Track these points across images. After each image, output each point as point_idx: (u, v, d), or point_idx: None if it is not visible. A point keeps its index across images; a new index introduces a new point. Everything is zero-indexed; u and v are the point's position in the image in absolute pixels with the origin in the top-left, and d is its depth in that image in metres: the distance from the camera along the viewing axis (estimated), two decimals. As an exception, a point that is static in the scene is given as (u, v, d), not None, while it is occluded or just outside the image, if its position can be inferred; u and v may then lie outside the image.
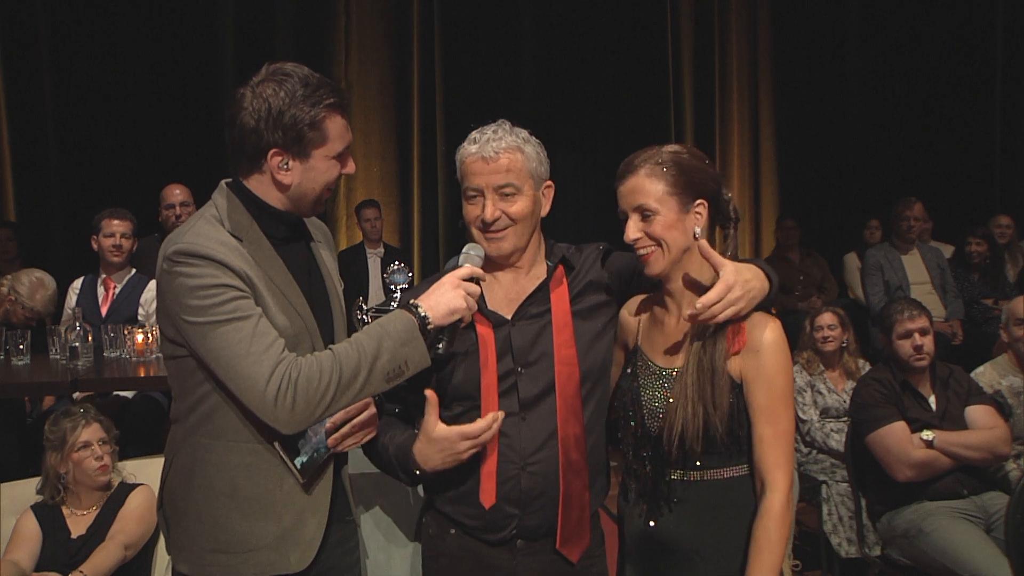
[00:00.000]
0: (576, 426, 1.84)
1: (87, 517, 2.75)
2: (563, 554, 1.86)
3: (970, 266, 5.85)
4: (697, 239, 1.76)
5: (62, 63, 6.50)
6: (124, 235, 4.26)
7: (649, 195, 1.75)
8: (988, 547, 2.88)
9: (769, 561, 1.69)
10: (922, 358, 3.16)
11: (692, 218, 1.76)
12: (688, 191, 1.75)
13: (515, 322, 1.87)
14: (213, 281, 1.59)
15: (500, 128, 1.87)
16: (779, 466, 1.72)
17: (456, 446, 1.75)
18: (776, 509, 1.71)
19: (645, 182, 1.76)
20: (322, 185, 1.72)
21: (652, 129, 7.52)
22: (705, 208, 1.77)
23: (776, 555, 1.70)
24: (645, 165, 1.77)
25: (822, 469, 3.80)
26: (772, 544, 1.70)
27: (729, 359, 1.74)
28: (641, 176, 1.76)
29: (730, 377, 1.74)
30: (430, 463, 1.79)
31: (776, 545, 1.70)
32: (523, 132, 1.89)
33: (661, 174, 1.75)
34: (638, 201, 1.77)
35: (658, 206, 1.75)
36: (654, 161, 1.77)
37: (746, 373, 1.74)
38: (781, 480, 1.72)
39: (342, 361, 1.62)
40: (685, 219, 1.76)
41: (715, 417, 1.71)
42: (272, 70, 1.67)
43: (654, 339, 1.86)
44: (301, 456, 1.70)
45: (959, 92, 8.00)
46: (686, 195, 1.75)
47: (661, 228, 1.75)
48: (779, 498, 1.71)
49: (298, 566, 1.71)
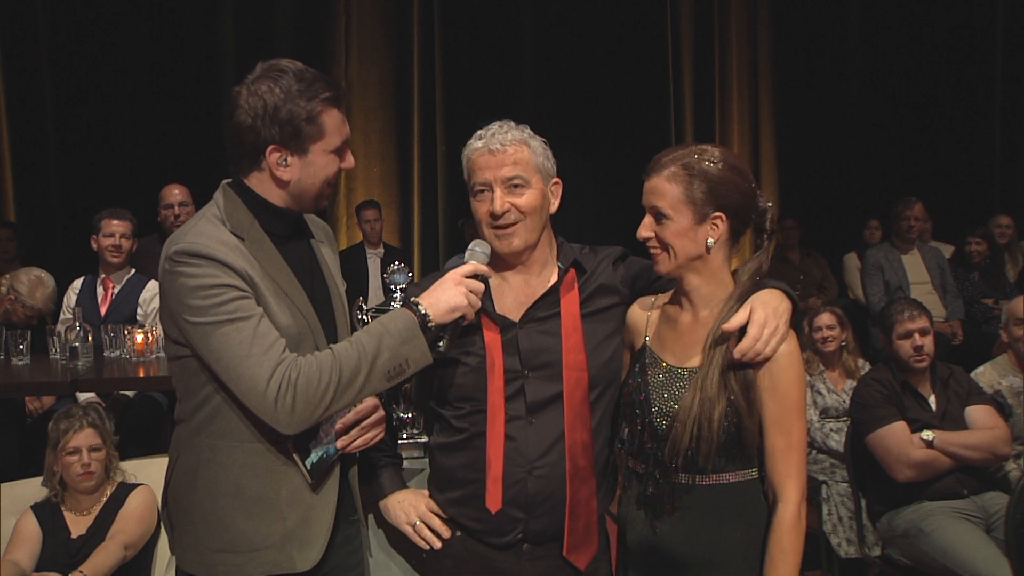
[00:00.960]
0: (584, 432, 1.83)
1: (87, 517, 2.75)
2: (570, 561, 1.84)
3: (970, 266, 5.85)
4: (708, 250, 1.74)
5: (62, 63, 6.49)
6: (124, 235, 4.26)
7: (665, 199, 1.73)
8: (988, 547, 2.87)
9: (784, 572, 1.69)
10: (922, 359, 3.15)
11: (707, 228, 1.73)
12: (707, 201, 1.72)
13: (523, 325, 1.86)
14: (214, 281, 1.59)
15: (505, 124, 1.88)
16: (791, 477, 1.71)
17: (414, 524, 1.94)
18: (788, 520, 1.70)
19: (664, 185, 1.73)
20: (321, 180, 1.71)
21: (652, 129, 7.53)
22: (723, 221, 1.73)
23: (791, 566, 1.70)
24: (670, 167, 1.74)
25: (822, 469, 3.80)
26: (786, 555, 1.70)
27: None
28: (662, 178, 1.74)
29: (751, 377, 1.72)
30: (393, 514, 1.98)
31: (790, 556, 1.70)
32: (528, 128, 1.90)
33: (682, 179, 1.72)
34: (653, 202, 1.75)
35: (672, 212, 1.73)
36: (679, 164, 1.73)
37: (760, 383, 1.72)
38: (793, 491, 1.71)
39: (342, 361, 1.61)
40: (699, 228, 1.73)
41: (746, 418, 1.70)
42: (267, 67, 1.67)
43: (665, 338, 1.83)
44: (311, 457, 1.70)
45: (959, 92, 8.00)
46: (704, 205, 1.72)
47: (670, 234, 1.73)
48: (791, 509, 1.70)
49: (304, 565, 1.70)
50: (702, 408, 1.69)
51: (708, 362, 1.72)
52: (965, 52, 8.01)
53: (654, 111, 7.68)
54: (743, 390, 1.71)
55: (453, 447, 1.88)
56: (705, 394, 1.70)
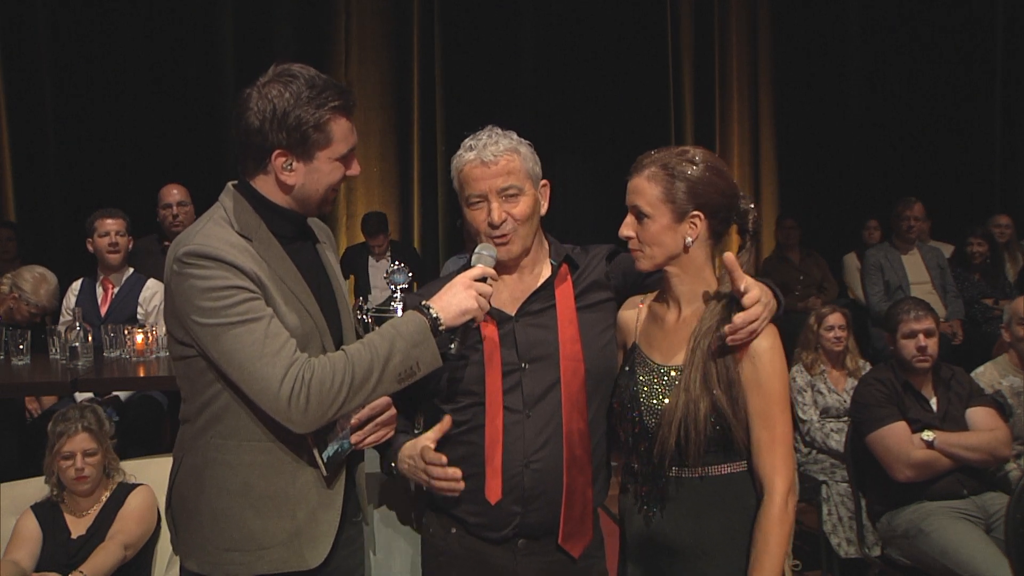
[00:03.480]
0: (580, 422, 1.85)
1: (87, 517, 2.76)
2: (565, 550, 1.86)
3: (970, 266, 5.85)
4: (687, 249, 1.77)
5: (62, 63, 6.50)
6: (119, 233, 4.26)
7: (645, 198, 1.77)
8: (988, 547, 2.88)
9: (768, 564, 1.71)
10: (925, 360, 3.15)
11: (686, 227, 1.77)
12: (687, 201, 1.75)
13: (519, 319, 1.89)
14: (224, 283, 1.60)
15: (493, 132, 1.89)
16: (776, 470, 1.73)
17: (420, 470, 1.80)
18: (774, 513, 1.72)
19: (645, 184, 1.77)
20: (325, 186, 1.73)
21: (652, 129, 7.53)
22: (701, 220, 1.77)
23: (775, 558, 1.71)
24: (651, 167, 1.78)
25: (822, 469, 3.80)
26: (770, 547, 1.71)
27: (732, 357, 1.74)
28: (643, 177, 1.78)
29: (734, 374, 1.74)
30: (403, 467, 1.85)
31: (775, 548, 1.71)
32: (514, 134, 1.91)
33: (661, 179, 1.76)
34: (634, 201, 1.79)
35: (651, 211, 1.76)
36: (659, 164, 1.77)
37: (743, 378, 1.74)
38: (779, 484, 1.73)
39: (355, 362, 1.63)
40: (678, 227, 1.77)
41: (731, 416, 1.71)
42: (279, 71, 1.68)
43: (652, 337, 1.86)
44: (328, 450, 1.71)
45: (959, 92, 8.00)
46: (684, 204, 1.75)
47: (649, 233, 1.77)
48: (777, 502, 1.72)
49: (312, 563, 1.72)
50: (687, 409, 1.72)
51: (691, 362, 1.75)
52: (965, 52, 8.01)
53: (654, 111, 7.68)
54: (726, 387, 1.73)
55: (451, 442, 1.89)
56: (690, 395, 1.73)
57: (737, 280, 1.71)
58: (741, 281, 1.71)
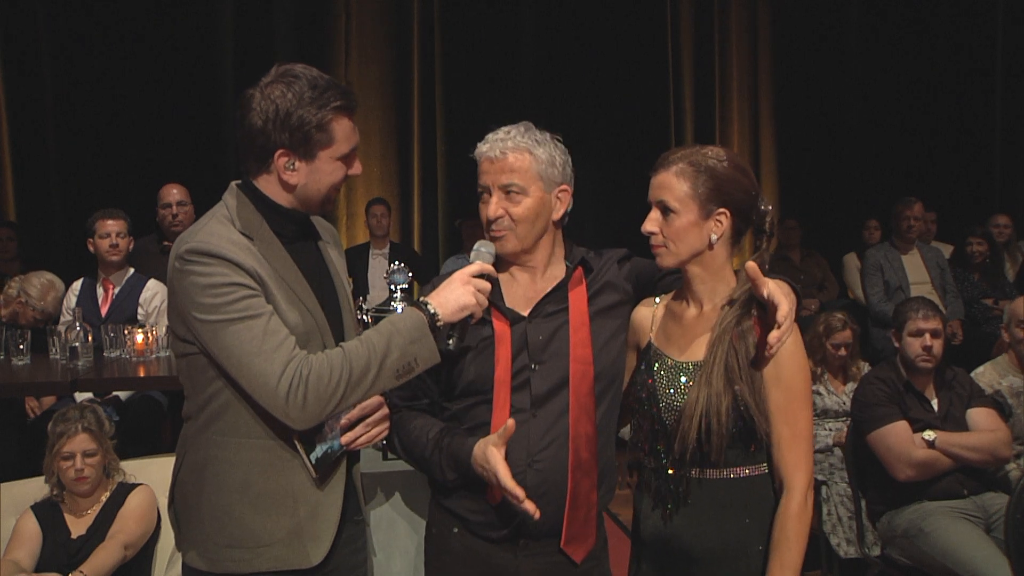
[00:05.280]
0: (588, 425, 1.85)
1: (87, 517, 2.76)
2: (567, 553, 1.85)
3: (970, 266, 5.85)
4: (712, 246, 1.77)
5: (62, 63, 6.49)
6: (119, 234, 4.26)
7: (673, 193, 1.77)
8: (988, 547, 2.88)
9: (789, 558, 1.71)
10: (928, 360, 3.16)
11: (712, 224, 1.77)
12: (713, 198, 1.76)
13: (531, 319, 1.88)
14: (225, 280, 1.61)
15: (515, 128, 1.88)
16: (797, 466, 1.74)
17: (488, 474, 1.75)
18: (794, 509, 1.73)
19: (673, 180, 1.77)
20: (327, 186, 1.74)
21: (652, 129, 7.52)
22: (727, 217, 1.77)
23: (795, 553, 1.72)
24: (679, 163, 1.78)
25: (822, 469, 3.80)
26: (791, 543, 1.72)
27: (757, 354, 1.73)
28: (671, 173, 1.78)
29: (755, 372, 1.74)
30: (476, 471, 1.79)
31: (795, 544, 1.72)
32: (541, 135, 1.89)
33: (690, 176, 1.76)
34: (661, 196, 1.78)
35: (679, 206, 1.76)
36: (688, 161, 1.77)
37: (766, 373, 1.74)
38: (799, 480, 1.73)
39: (352, 358, 1.64)
40: (703, 224, 1.77)
41: (755, 409, 1.71)
42: (281, 71, 1.69)
43: (670, 334, 1.86)
44: (316, 451, 1.71)
45: (959, 92, 8.00)
46: (710, 201, 1.76)
47: (675, 228, 1.77)
48: (797, 498, 1.73)
49: (311, 561, 1.72)
50: (709, 402, 1.71)
51: (713, 356, 1.74)
52: (965, 52, 8.02)
53: (654, 111, 7.68)
54: (748, 382, 1.72)
55: None
56: (712, 388, 1.72)
57: (760, 287, 1.69)
58: (764, 288, 1.69)
